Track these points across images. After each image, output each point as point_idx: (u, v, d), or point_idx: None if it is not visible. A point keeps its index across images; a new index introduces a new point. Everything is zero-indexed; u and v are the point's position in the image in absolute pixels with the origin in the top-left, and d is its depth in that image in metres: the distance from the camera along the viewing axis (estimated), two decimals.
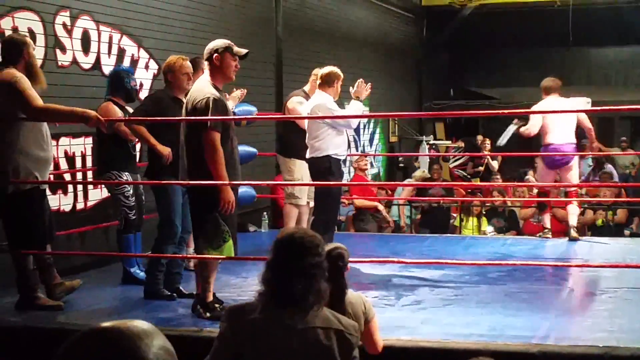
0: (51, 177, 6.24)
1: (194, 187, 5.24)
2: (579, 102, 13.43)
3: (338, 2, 13.70)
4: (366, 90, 6.95)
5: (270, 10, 10.88)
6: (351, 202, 10.91)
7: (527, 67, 19.00)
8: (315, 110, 6.84)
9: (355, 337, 3.08)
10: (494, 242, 8.86)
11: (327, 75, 6.97)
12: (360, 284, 6.09)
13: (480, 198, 11.92)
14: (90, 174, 7.50)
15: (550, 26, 18.28)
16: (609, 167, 13.87)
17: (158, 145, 5.98)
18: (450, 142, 16.64)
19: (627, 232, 11.24)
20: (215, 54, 5.27)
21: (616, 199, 10.90)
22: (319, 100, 6.89)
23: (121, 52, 7.94)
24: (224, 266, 5.55)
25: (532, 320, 5.15)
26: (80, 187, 7.41)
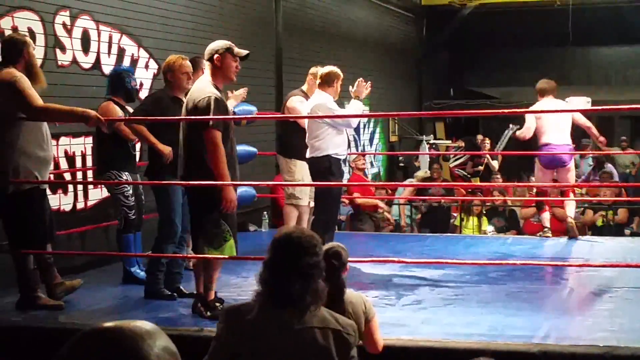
0: (51, 177, 6.24)
1: (194, 186, 5.24)
2: (578, 102, 13.45)
3: (338, 2, 13.70)
4: (366, 89, 6.95)
5: (270, 10, 10.88)
6: (350, 202, 10.91)
7: (527, 66, 18.99)
8: (315, 110, 6.83)
9: (353, 336, 3.06)
10: (495, 241, 8.85)
11: (326, 75, 6.96)
12: (361, 284, 6.09)
13: (481, 197, 11.92)
14: (90, 174, 7.50)
15: (550, 26, 18.28)
16: (609, 166, 13.88)
17: (158, 144, 5.98)
18: (450, 141, 16.64)
19: (627, 232, 11.25)
20: (216, 55, 5.27)
21: (616, 198, 10.90)
22: (319, 100, 6.88)
23: (121, 51, 7.94)
24: (223, 265, 5.54)
25: (532, 319, 5.14)
26: (80, 187, 7.41)
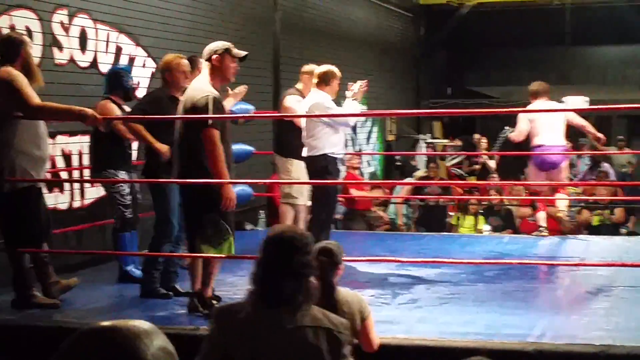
0: (48, 176, 6.24)
1: (192, 185, 5.24)
2: (576, 101, 13.46)
3: (336, 2, 13.69)
4: (362, 89, 6.93)
5: (269, 9, 10.87)
6: (344, 201, 10.90)
7: (525, 66, 19.00)
8: (312, 109, 6.82)
9: (345, 335, 3.05)
10: (491, 240, 8.86)
11: (324, 74, 6.95)
12: (357, 283, 6.09)
13: (477, 197, 11.93)
14: (87, 172, 7.50)
15: (548, 25, 18.30)
16: (606, 165, 13.88)
17: (156, 143, 5.98)
18: (447, 140, 16.63)
19: (623, 231, 11.26)
20: (215, 55, 5.28)
21: (613, 197, 10.92)
22: (316, 99, 6.87)
23: (118, 50, 7.94)
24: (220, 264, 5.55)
25: (528, 318, 5.15)
26: (76, 186, 7.41)
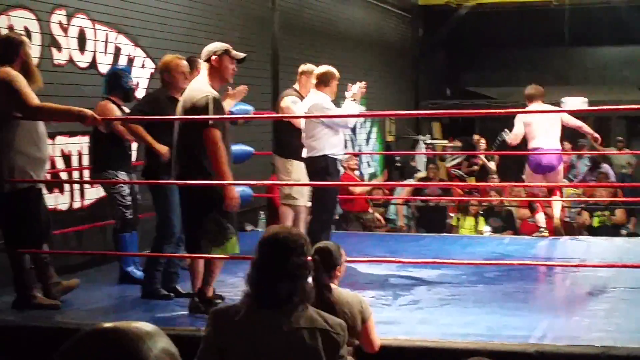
0: (47, 176, 6.22)
1: (193, 186, 5.22)
2: (575, 102, 13.46)
3: (335, 2, 13.69)
4: (361, 90, 6.91)
5: (267, 9, 10.86)
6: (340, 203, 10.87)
7: (524, 66, 19.02)
8: (311, 110, 6.81)
9: (342, 335, 3.04)
10: (491, 241, 8.85)
11: (323, 75, 6.93)
12: (358, 284, 6.08)
13: (478, 198, 11.93)
14: (86, 173, 7.49)
15: (547, 26, 18.30)
16: (606, 166, 13.89)
17: (156, 144, 5.97)
18: (447, 141, 16.63)
19: (623, 232, 11.26)
20: (214, 56, 5.27)
21: (612, 198, 10.91)
22: (316, 100, 6.86)
23: (117, 51, 7.93)
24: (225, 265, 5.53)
25: (529, 320, 5.14)
26: (76, 186, 7.39)
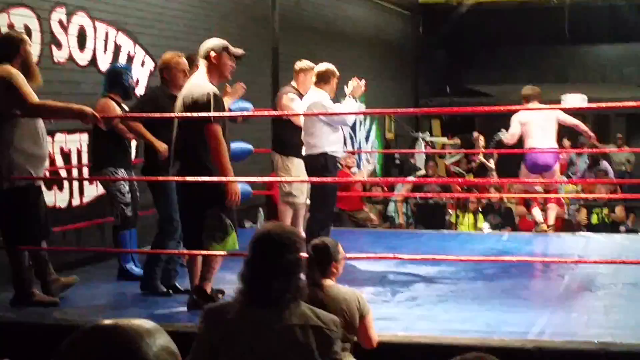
0: (47, 174, 6.23)
1: (194, 182, 5.22)
2: (574, 100, 13.45)
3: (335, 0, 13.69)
4: (360, 87, 6.92)
5: (267, 7, 10.86)
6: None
7: (523, 64, 19.01)
8: (311, 108, 6.81)
9: (335, 331, 3.03)
10: (490, 238, 8.86)
11: (323, 72, 6.93)
12: (356, 280, 6.09)
13: (477, 195, 11.94)
14: (85, 170, 7.49)
15: (547, 24, 18.28)
16: (605, 164, 13.89)
17: (155, 141, 5.97)
18: (446, 139, 16.62)
19: (622, 229, 11.27)
20: (213, 53, 5.27)
21: (611, 195, 10.92)
22: (315, 98, 6.86)
23: (117, 48, 7.93)
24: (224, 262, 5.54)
25: (527, 316, 5.15)
26: (75, 184, 7.40)
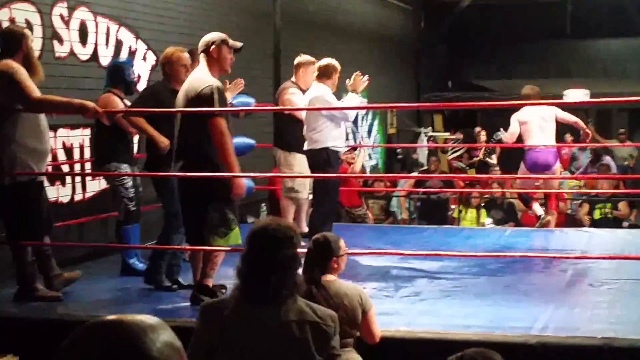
0: (49, 169, 6.23)
1: (198, 177, 5.20)
2: (576, 95, 13.45)
3: None
4: (363, 82, 6.91)
5: (269, 2, 10.84)
6: None
7: (525, 59, 18.98)
8: (313, 102, 6.80)
9: (332, 327, 3.02)
10: (493, 233, 8.85)
11: (325, 67, 6.93)
12: (359, 276, 6.10)
13: (479, 190, 11.93)
14: (88, 166, 7.49)
15: (549, 18, 18.26)
16: (607, 159, 13.87)
17: (157, 136, 5.97)
18: (448, 133, 16.62)
19: (625, 224, 11.26)
20: (212, 46, 5.27)
21: (614, 190, 10.91)
22: (317, 92, 6.85)
23: (119, 43, 7.92)
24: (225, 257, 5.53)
25: (530, 311, 5.14)
26: (78, 179, 7.40)
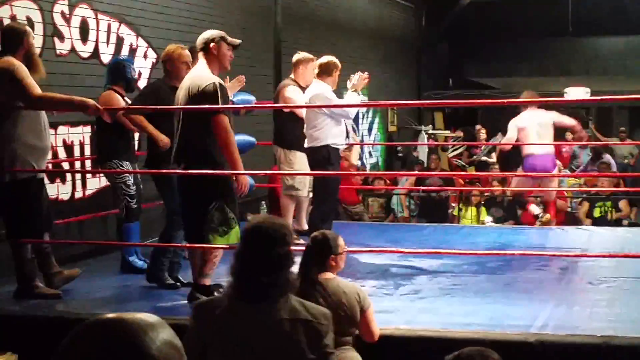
0: (49, 166, 6.23)
1: (199, 175, 5.20)
2: (577, 92, 13.45)
3: None
4: (363, 80, 6.90)
5: None
6: None
7: (526, 57, 18.99)
8: (313, 100, 6.80)
9: (326, 325, 3.01)
10: (493, 231, 8.85)
11: (325, 65, 6.93)
12: (359, 273, 6.10)
13: (479, 188, 11.93)
14: (88, 163, 7.49)
15: (550, 16, 18.26)
16: (607, 157, 13.87)
17: (157, 134, 5.97)
18: (449, 131, 16.62)
19: (625, 222, 11.25)
20: (212, 43, 5.26)
21: (614, 189, 10.91)
22: (318, 90, 6.85)
23: (120, 41, 7.92)
24: (223, 256, 5.54)
25: (530, 309, 5.14)
26: (78, 176, 7.40)
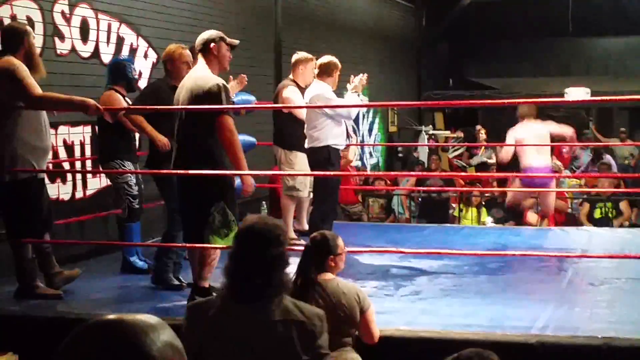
0: (50, 166, 6.22)
1: (200, 176, 5.19)
2: (577, 93, 13.45)
3: None
4: (362, 81, 6.89)
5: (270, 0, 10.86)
6: None
7: (526, 57, 18.98)
8: (314, 100, 6.80)
9: (319, 326, 2.99)
10: (493, 232, 8.85)
11: (326, 65, 6.92)
12: (359, 274, 6.10)
13: (480, 188, 11.93)
14: (89, 163, 7.49)
15: (550, 16, 18.26)
16: (608, 157, 13.86)
17: (156, 135, 5.96)
18: (449, 132, 16.62)
19: (625, 223, 11.25)
20: (212, 44, 5.25)
21: (614, 189, 10.90)
22: (318, 90, 6.85)
23: (120, 40, 7.92)
24: (221, 256, 5.53)
25: (531, 310, 5.14)
26: (79, 176, 7.40)
